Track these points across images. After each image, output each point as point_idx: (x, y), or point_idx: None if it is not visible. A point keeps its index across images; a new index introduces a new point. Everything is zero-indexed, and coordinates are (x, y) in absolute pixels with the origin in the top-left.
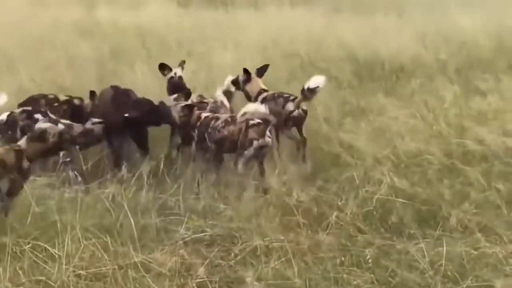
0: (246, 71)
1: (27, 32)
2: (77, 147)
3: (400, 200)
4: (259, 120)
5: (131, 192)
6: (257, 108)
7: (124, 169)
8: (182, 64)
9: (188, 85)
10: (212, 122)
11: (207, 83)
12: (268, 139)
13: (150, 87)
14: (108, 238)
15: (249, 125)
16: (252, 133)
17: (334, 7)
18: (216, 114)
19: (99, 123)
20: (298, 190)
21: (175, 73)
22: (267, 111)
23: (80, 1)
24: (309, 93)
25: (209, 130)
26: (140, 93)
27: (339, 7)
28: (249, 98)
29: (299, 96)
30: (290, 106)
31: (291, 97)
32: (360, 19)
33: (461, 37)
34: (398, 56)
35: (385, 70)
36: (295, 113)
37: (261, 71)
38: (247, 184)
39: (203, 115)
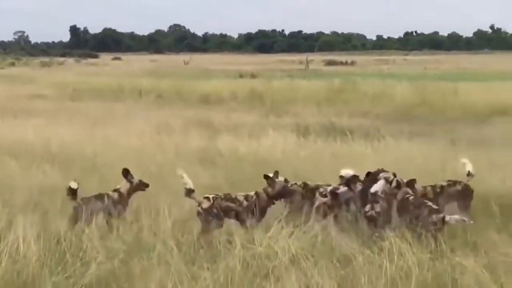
0: None
1: (150, 158)
2: None
3: None
4: None
5: None
6: None
7: None
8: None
9: None
10: None
11: None
12: None
13: None
14: None
15: None
16: None
17: (452, 139)
18: None
19: None
20: None
21: None
22: None
23: (204, 130)
24: None
25: None
26: None
27: (457, 140)
28: None
29: None
30: None
31: None
32: (477, 153)
33: None
34: None
35: (499, 205)
36: None
37: None
38: None
39: None
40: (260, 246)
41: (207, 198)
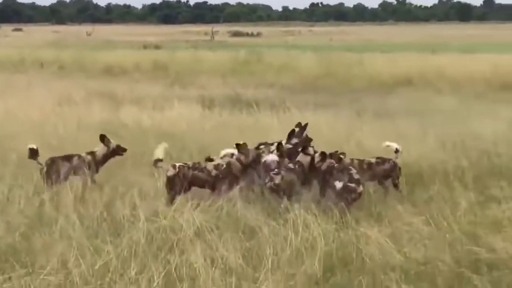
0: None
1: (51, 130)
2: None
3: None
4: None
5: None
6: None
7: None
8: None
9: None
10: None
11: None
12: None
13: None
14: None
15: None
16: None
17: (357, 110)
18: None
19: None
20: None
21: None
22: None
23: (107, 101)
24: None
25: None
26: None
27: (363, 111)
28: None
29: None
30: None
31: None
32: (382, 123)
33: (482, 145)
34: (418, 162)
35: (403, 175)
36: None
37: None
38: None
39: None
40: (164, 219)
41: (173, 166)
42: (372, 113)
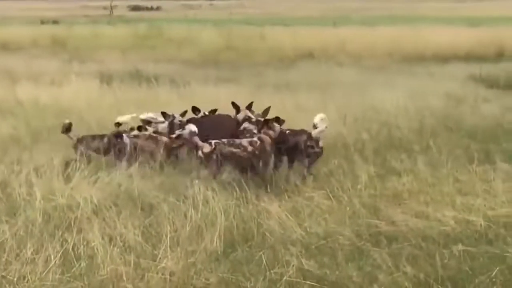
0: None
1: None
2: None
3: (308, 282)
4: None
5: None
6: None
7: None
8: None
9: None
10: None
11: None
12: None
13: None
14: None
15: None
16: None
17: (258, 84)
18: None
19: None
20: (207, 271)
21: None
22: None
23: (3, 78)
24: None
25: None
26: None
27: (264, 85)
28: None
29: None
30: None
31: None
32: (283, 96)
33: (382, 117)
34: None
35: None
36: None
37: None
38: None
39: None
40: (61, 197)
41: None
42: (273, 86)
